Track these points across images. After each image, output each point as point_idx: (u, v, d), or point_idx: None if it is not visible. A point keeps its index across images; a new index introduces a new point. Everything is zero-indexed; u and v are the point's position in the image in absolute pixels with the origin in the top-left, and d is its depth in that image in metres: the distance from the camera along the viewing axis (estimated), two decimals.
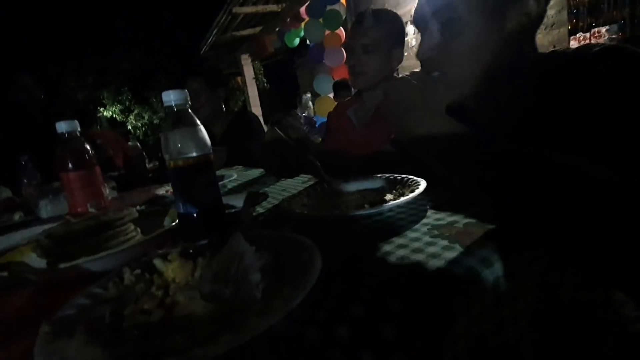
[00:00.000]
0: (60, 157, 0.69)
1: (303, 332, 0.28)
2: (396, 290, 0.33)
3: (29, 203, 1.12)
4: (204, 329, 0.31)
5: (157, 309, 0.36)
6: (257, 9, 4.79)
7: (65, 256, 0.49)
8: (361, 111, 1.30)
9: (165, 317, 0.35)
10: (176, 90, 0.51)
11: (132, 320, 0.34)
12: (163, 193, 1.10)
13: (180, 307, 0.36)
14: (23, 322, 0.41)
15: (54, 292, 0.46)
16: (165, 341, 0.29)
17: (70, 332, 0.32)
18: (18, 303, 0.45)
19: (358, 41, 1.18)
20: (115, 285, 0.39)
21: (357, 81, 1.24)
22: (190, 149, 0.51)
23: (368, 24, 1.17)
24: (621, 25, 3.47)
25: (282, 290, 0.34)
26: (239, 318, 0.32)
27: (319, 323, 0.29)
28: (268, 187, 0.94)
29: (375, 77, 1.21)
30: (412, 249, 0.41)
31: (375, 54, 1.18)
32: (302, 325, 0.29)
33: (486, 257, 0.37)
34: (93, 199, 0.70)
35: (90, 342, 0.31)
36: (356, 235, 0.49)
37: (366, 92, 1.28)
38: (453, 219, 0.49)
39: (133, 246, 0.48)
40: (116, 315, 0.35)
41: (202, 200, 0.52)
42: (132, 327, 0.33)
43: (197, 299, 0.36)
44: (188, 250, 0.45)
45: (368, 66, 1.19)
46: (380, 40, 1.18)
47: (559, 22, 3.92)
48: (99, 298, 0.38)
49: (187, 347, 0.28)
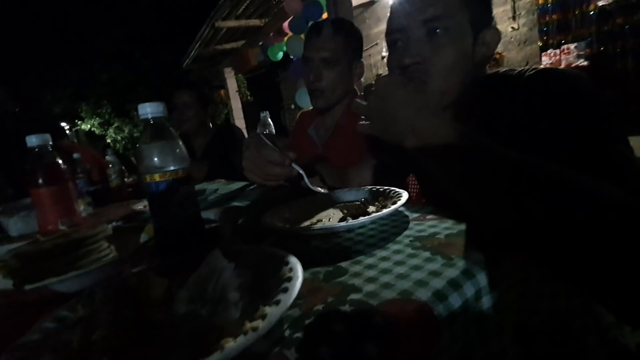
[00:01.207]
0: (30, 173, 0.66)
1: (282, 353, 0.27)
2: (379, 304, 0.32)
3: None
4: (180, 351, 0.30)
5: (129, 331, 0.34)
6: (240, 23, 4.83)
7: (34, 277, 0.46)
8: (322, 129, 1.24)
9: (138, 340, 0.33)
10: (153, 103, 0.50)
11: (101, 345, 0.32)
12: (141, 208, 1.07)
13: (154, 329, 0.34)
14: None
15: (20, 316, 0.43)
16: None
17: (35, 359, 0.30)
18: None
19: (317, 54, 1.09)
20: (84, 307, 0.37)
21: (317, 101, 1.15)
22: (167, 163, 0.50)
23: (327, 34, 1.08)
24: (589, 42, 3.68)
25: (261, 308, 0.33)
26: (215, 339, 0.30)
27: (299, 342, 0.28)
28: (250, 201, 0.93)
29: (335, 94, 1.14)
30: (394, 262, 0.41)
31: (336, 68, 1.10)
32: (281, 346, 0.28)
33: (467, 269, 0.37)
34: (65, 216, 0.66)
35: None
36: (339, 249, 0.49)
37: (327, 110, 1.20)
38: (434, 230, 0.49)
39: (105, 265, 0.45)
40: (84, 339, 0.33)
41: (179, 216, 0.50)
42: (102, 352, 0.31)
43: (173, 319, 0.34)
44: (164, 268, 0.43)
45: (328, 82, 1.11)
46: (340, 52, 1.09)
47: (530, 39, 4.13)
48: (67, 321, 0.36)
49: None
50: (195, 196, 0.53)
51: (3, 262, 0.51)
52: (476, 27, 0.59)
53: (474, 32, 0.59)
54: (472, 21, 0.58)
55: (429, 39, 0.57)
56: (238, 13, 4.55)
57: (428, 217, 0.56)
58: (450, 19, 0.56)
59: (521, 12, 4.10)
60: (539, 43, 4.00)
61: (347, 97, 1.20)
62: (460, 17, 0.57)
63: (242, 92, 8.04)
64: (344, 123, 1.18)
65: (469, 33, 0.58)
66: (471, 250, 0.41)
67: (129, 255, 0.49)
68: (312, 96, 1.17)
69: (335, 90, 1.14)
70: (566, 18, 3.82)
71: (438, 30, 0.57)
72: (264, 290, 0.37)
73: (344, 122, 1.18)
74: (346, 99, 1.20)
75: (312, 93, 1.16)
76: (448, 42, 0.57)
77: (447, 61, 0.57)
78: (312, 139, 1.26)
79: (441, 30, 0.56)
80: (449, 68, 0.58)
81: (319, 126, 1.27)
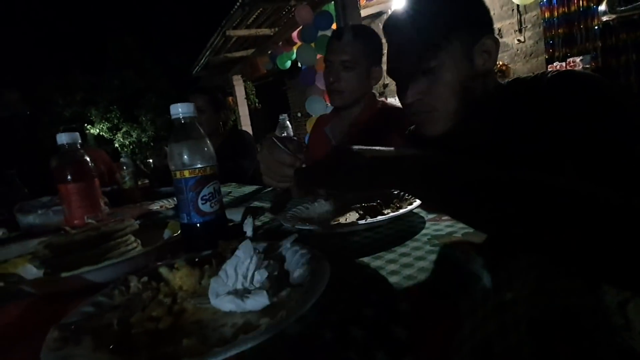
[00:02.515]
0: (59, 169, 0.69)
1: (317, 333, 0.29)
2: (404, 293, 0.34)
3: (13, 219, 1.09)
4: (217, 333, 0.31)
5: (165, 316, 0.36)
6: (251, 32, 4.92)
7: (64, 267, 0.48)
8: (338, 128, 1.30)
9: (174, 324, 0.35)
10: (184, 104, 0.53)
11: (140, 328, 0.34)
12: (157, 208, 1.09)
13: (188, 314, 0.36)
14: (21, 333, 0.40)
15: (51, 304, 0.45)
16: (179, 345, 0.29)
17: (77, 339, 0.32)
18: (15, 314, 0.44)
19: (337, 57, 1.17)
20: (121, 294, 0.39)
21: (335, 99, 1.24)
22: (196, 161, 0.52)
23: (347, 39, 1.16)
24: (593, 55, 3.72)
25: (292, 295, 0.35)
26: (251, 321, 0.32)
27: (332, 324, 0.30)
28: (264, 203, 0.95)
29: (353, 95, 1.21)
30: (414, 257, 0.43)
31: (354, 72, 1.17)
32: (315, 327, 0.30)
33: (486, 263, 0.39)
34: (91, 212, 0.69)
35: (98, 349, 0.31)
36: (358, 247, 0.50)
37: (344, 110, 1.28)
38: (451, 229, 0.51)
39: (135, 256, 0.47)
40: (124, 322, 0.35)
41: (206, 211, 0.52)
42: (142, 334, 0.33)
43: (206, 305, 0.36)
44: (194, 259, 0.45)
45: (347, 84, 1.18)
46: (359, 56, 1.17)
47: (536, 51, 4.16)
48: (105, 306, 0.38)
49: (204, 349, 0.28)
50: (220, 193, 0.55)
51: (35, 252, 0.53)
52: (471, 42, 0.60)
53: (469, 49, 0.60)
54: (464, 40, 0.59)
55: (423, 76, 0.60)
56: (249, 22, 4.64)
57: (444, 217, 0.57)
58: (438, 55, 0.58)
59: (527, 25, 4.14)
60: (545, 56, 4.04)
61: (363, 100, 1.26)
62: (451, 46, 0.58)
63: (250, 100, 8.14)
64: (359, 123, 1.25)
65: (461, 55, 0.59)
66: (488, 247, 0.42)
67: (158, 248, 0.51)
68: (331, 95, 1.25)
69: (353, 92, 1.21)
70: (571, 32, 3.86)
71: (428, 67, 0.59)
72: (292, 280, 0.39)
73: (359, 122, 1.25)
74: (362, 101, 1.26)
75: (331, 93, 1.24)
76: (442, 75, 0.59)
77: (446, 90, 0.60)
78: (328, 137, 1.32)
79: (432, 67, 0.59)
80: (449, 94, 0.60)
81: (335, 126, 1.32)
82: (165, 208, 1.07)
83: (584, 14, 3.76)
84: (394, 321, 0.30)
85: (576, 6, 3.80)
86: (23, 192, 1.41)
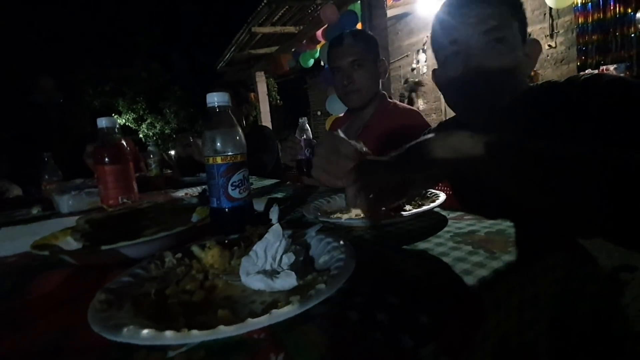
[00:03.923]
0: (98, 151, 0.73)
1: (344, 314, 0.30)
2: (428, 284, 0.35)
3: (48, 198, 1.15)
4: (247, 308, 0.33)
5: (198, 290, 0.38)
6: (276, 30, 4.97)
7: (102, 241, 0.52)
8: (351, 130, 1.32)
9: (206, 298, 0.37)
10: (219, 93, 0.55)
11: (175, 298, 0.36)
12: (182, 195, 1.13)
13: (220, 290, 0.38)
14: (65, 297, 0.43)
15: (87, 275, 0.48)
16: (214, 315, 0.31)
17: (120, 304, 0.34)
18: (59, 281, 0.47)
19: (345, 60, 1.22)
20: (157, 267, 0.42)
21: (353, 99, 1.27)
22: (228, 148, 0.54)
23: (349, 42, 1.23)
24: (628, 65, 3.57)
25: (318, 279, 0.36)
26: (280, 299, 0.34)
27: (358, 307, 0.31)
28: (286, 195, 0.97)
29: (369, 92, 1.25)
30: (437, 253, 0.44)
31: (364, 68, 1.23)
32: (342, 308, 0.31)
33: (510, 262, 0.39)
34: (125, 193, 0.73)
35: (138, 314, 0.33)
36: (380, 240, 0.51)
37: (358, 111, 1.31)
38: (473, 228, 0.51)
39: (171, 234, 0.50)
40: (160, 293, 0.37)
41: (235, 197, 0.55)
42: (177, 305, 0.35)
43: (237, 283, 0.38)
44: (223, 241, 0.47)
45: (361, 82, 1.23)
46: (365, 54, 1.23)
47: (567, 58, 4.03)
48: (142, 277, 0.40)
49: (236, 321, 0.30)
50: (249, 180, 0.57)
51: (75, 226, 0.56)
52: (522, 36, 0.61)
53: (520, 41, 0.61)
54: (520, 30, 0.60)
55: (490, 47, 0.60)
56: (274, 20, 4.69)
57: (466, 217, 0.58)
58: (507, 28, 0.60)
59: (559, 31, 4.02)
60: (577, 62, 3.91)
61: (375, 99, 1.29)
62: (513, 27, 0.60)
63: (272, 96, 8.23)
64: (371, 125, 1.27)
65: (519, 41, 0.60)
66: (513, 246, 0.43)
67: (189, 229, 0.53)
68: (347, 98, 1.28)
69: (368, 88, 1.25)
70: (606, 39, 3.72)
71: (497, 37, 0.60)
72: (319, 266, 0.40)
73: (371, 124, 1.27)
74: (375, 101, 1.29)
75: (347, 95, 1.27)
76: (508, 50, 0.60)
77: (508, 67, 0.60)
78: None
79: (501, 39, 0.60)
80: (508, 73, 0.61)
81: (349, 127, 1.34)
82: (190, 196, 1.11)
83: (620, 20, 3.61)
84: (418, 309, 0.31)
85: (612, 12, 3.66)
86: (57, 174, 1.49)
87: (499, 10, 0.60)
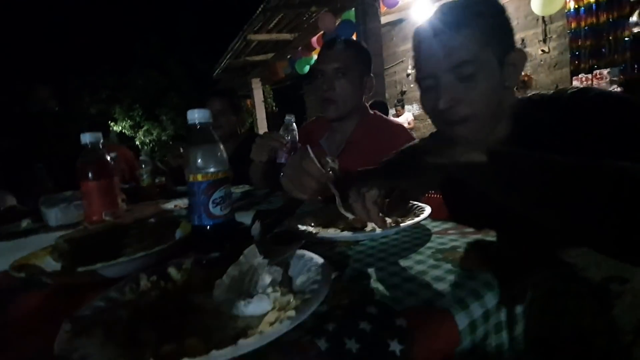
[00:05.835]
0: (82, 167, 0.72)
1: (313, 342, 0.30)
2: (402, 308, 0.34)
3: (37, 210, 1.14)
4: (219, 334, 0.33)
5: (173, 314, 0.37)
6: (271, 37, 5.01)
7: (81, 261, 0.51)
8: (333, 144, 1.27)
9: (181, 323, 0.36)
10: (200, 110, 0.55)
11: (148, 324, 0.36)
12: (171, 207, 1.12)
13: (193, 315, 0.38)
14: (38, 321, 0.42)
15: (67, 295, 0.48)
16: (183, 344, 0.31)
17: (89, 333, 0.34)
18: (33, 304, 0.46)
19: (330, 65, 1.16)
20: (132, 290, 0.41)
21: (329, 110, 1.20)
22: (209, 165, 0.54)
23: (339, 47, 1.17)
24: (622, 68, 3.59)
25: (292, 302, 0.36)
26: (252, 325, 0.33)
27: (329, 334, 0.31)
28: (274, 206, 0.96)
29: (347, 105, 1.19)
30: (416, 271, 0.43)
31: (348, 78, 1.16)
32: (312, 336, 0.31)
33: (488, 281, 0.39)
34: (109, 208, 0.72)
35: (107, 343, 0.33)
36: (362, 256, 0.51)
37: (338, 122, 1.25)
38: (455, 244, 0.51)
39: (150, 254, 0.49)
40: (133, 318, 0.36)
41: (216, 214, 0.54)
42: (149, 331, 0.35)
43: (212, 306, 0.37)
44: (201, 260, 0.46)
45: (340, 92, 1.16)
46: (351, 64, 1.16)
47: (561, 62, 4.06)
48: (116, 302, 0.39)
49: (204, 350, 0.29)
50: (232, 197, 0.57)
51: (55, 246, 0.56)
52: (501, 54, 0.60)
53: (500, 60, 0.60)
54: (496, 52, 0.59)
55: (459, 82, 0.60)
56: (270, 27, 4.72)
57: (450, 231, 0.57)
58: (476, 61, 0.58)
59: (552, 36, 4.05)
60: (570, 67, 3.94)
61: (357, 113, 1.24)
62: (485, 54, 0.59)
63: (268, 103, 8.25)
64: (354, 140, 1.22)
65: (495, 64, 0.59)
66: (493, 264, 0.42)
67: (169, 247, 0.53)
68: (325, 105, 1.21)
69: (347, 101, 1.18)
70: (599, 43, 3.75)
71: (466, 73, 0.59)
72: (295, 286, 0.40)
73: (355, 139, 1.22)
74: (357, 115, 1.24)
75: (325, 102, 1.20)
76: (478, 82, 0.59)
77: (481, 99, 0.60)
78: (323, 150, 1.29)
79: (469, 73, 0.59)
80: (483, 104, 0.60)
81: (330, 140, 1.29)
82: (179, 207, 1.10)
83: (613, 25, 3.65)
84: (390, 336, 0.30)
85: (605, 17, 3.70)
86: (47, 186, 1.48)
87: (472, 36, 0.58)
